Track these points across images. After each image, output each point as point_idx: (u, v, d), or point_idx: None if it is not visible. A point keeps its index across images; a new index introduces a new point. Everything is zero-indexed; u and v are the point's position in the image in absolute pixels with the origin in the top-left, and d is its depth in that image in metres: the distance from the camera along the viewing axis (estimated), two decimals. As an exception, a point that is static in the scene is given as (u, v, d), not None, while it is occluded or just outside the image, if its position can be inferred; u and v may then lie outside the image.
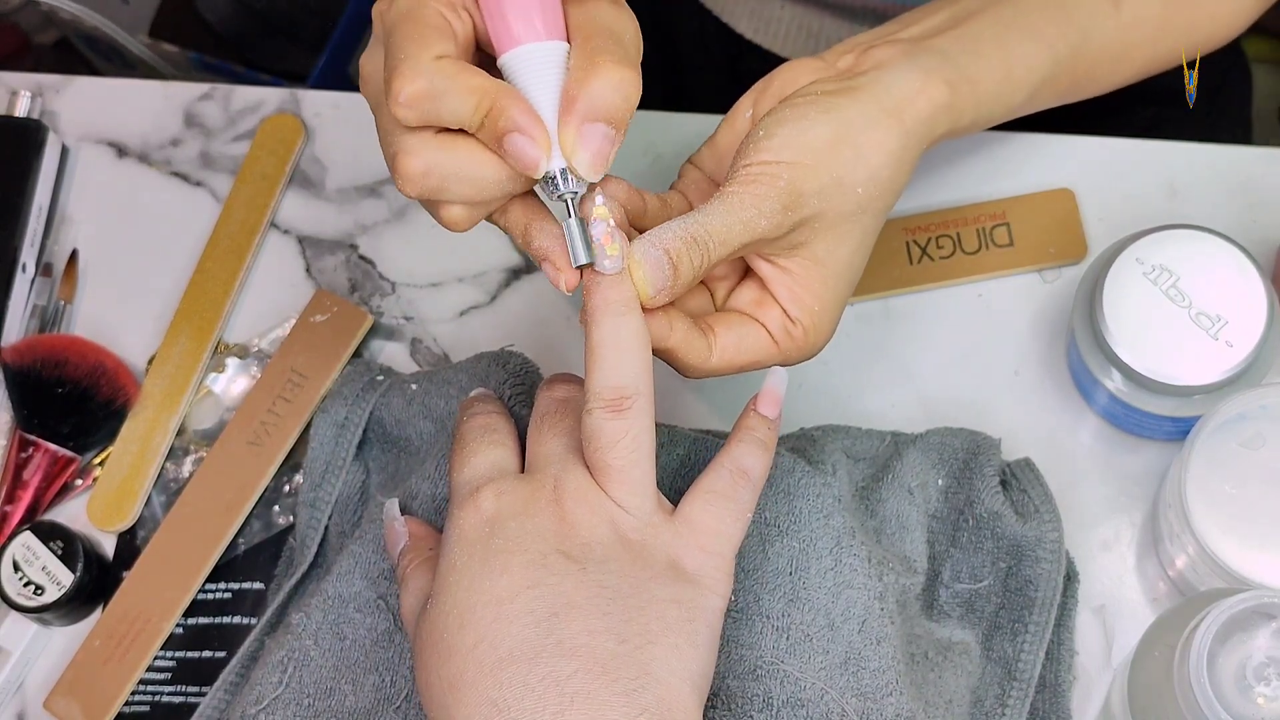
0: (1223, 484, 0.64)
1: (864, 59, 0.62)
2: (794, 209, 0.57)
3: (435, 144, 0.53)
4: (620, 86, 0.52)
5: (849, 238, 0.59)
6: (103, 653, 0.72)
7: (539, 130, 0.52)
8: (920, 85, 0.61)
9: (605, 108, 0.52)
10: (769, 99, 0.63)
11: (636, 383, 0.54)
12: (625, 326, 0.54)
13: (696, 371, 0.59)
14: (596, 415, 0.54)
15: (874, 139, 0.59)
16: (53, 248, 0.83)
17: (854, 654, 0.60)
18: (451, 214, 0.55)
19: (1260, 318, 0.65)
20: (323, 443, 0.72)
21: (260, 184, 0.81)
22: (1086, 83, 0.69)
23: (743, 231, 0.56)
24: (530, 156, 0.52)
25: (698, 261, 0.55)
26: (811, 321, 0.60)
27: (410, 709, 0.61)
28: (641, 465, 0.54)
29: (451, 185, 0.53)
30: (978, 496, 0.66)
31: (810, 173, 0.57)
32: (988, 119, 0.65)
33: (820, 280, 0.59)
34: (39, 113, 0.85)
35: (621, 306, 0.54)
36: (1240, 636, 0.56)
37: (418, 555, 0.59)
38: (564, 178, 0.53)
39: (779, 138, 0.58)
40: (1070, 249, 0.75)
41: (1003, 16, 0.65)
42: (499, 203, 0.56)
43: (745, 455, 0.57)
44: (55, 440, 0.76)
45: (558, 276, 0.55)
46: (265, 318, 0.79)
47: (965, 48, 0.63)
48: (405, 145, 0.53)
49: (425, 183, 0.53)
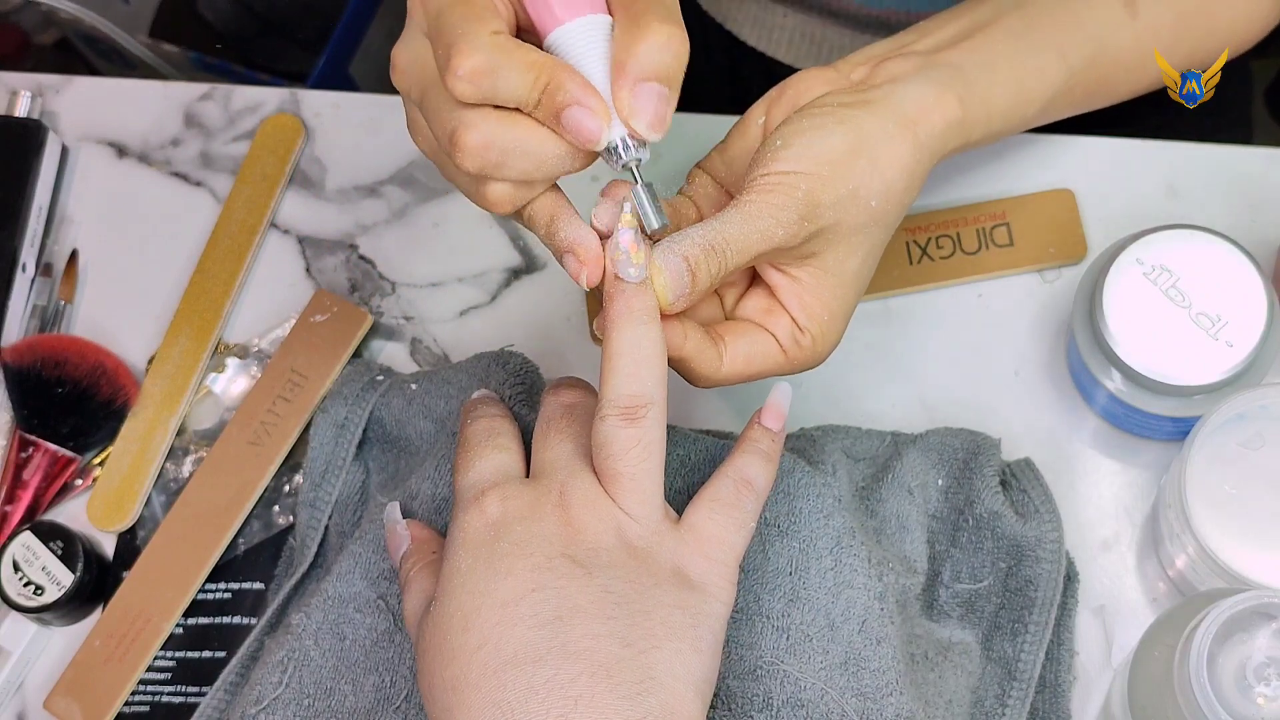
0: (1223, 484, 0.64)
1: (878, 72, 0.63)
2: (811, 219, 0.57)
3: (495, 118, 0.52)
4: (669, 44, 0.52)
5: (859, 249, 0.60)
6: (103, 653, 0.72)
7: (597, 101, 0.52)
8: (934, 100, 0.61)
9: (656, 66, 0.52)
10: (782, 108, 0.63)
11: (652, 392, 0.54)
12: (646, 335, 0.54)
13: (707, 381, 0.59)
14: (610, 422, 0.54)
15: (889, 152, 0.59)
16: (53, 248, 0.83)
17: (854, 654, 0.60)
18: (497, 192, 0.54)
19: (1260, 318, 0.65)
20: (323, 443, 0.72)
21: (260, 184, 0.81)
22: (1102, 92, 0.69)
23: (760, 240, 0.56)
24: (589, 128, 0.52)
25: (715, 269, 0.55)
26: (820, 330, 0.60)
27: (410, 709, 0.61)
28: (652, 474, 0.54)
29: (511, 160, 0.53)
30: (978, 496, 0.66)
31: (827, 184, 0.57)
32: (1000, 133, 0.65)
33: (830, 290, 0.59)
34: (39, 113, 0.85)
35: (644, 315, 0.54)
36: (1240, 636, 0.56)
37: (421, 558, 0.59)
38: (625, 146, 0.53)
39: (796, 148, 0.58)
40: (1070, 249, 0.75)
41: (1015, 28, 0.65)
42: (544, 186, 0.55)
43: (749, 466, 0.57)
44: (55, 440, 0.76)
45: (580, 270, 0.55)
46: (265, 318, 0.79)
47: (978, 61, 0.63)
48: (465, 119, 0.52)
49: (486, 156, 0.53)
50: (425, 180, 0.81)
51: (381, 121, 0.83)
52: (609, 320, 0.54)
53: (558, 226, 0.56)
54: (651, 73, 0.52)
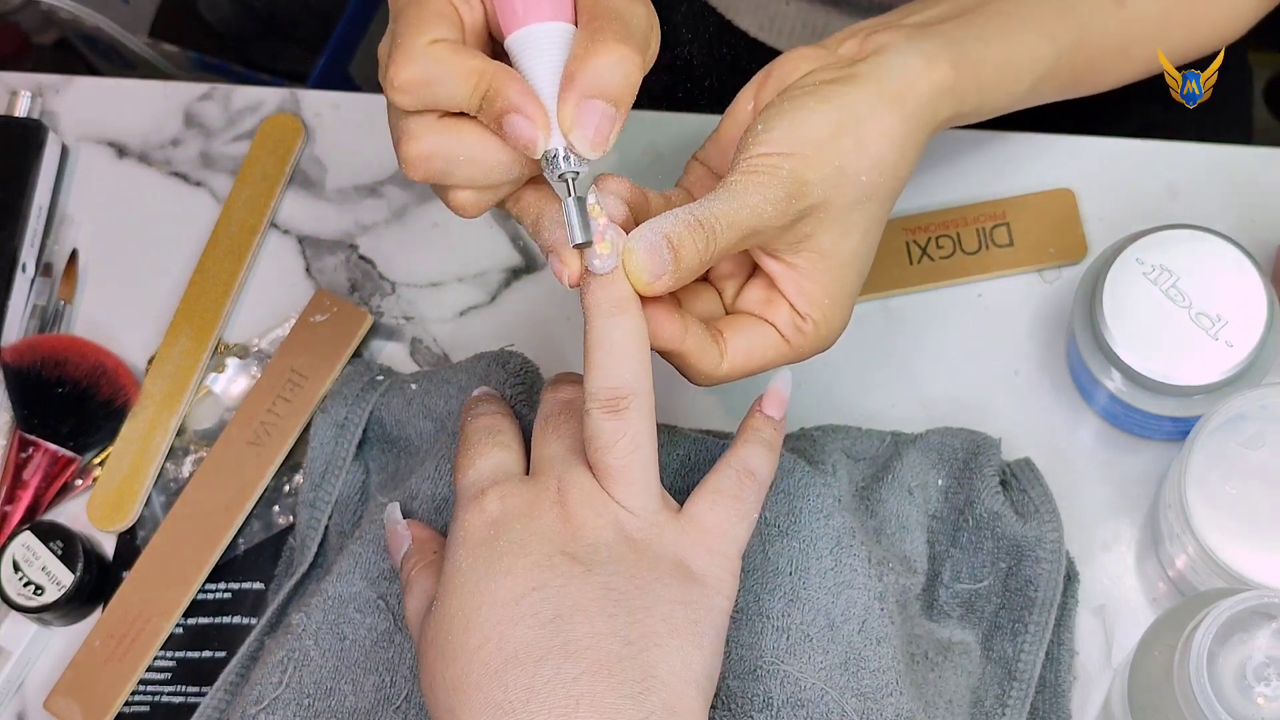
0: (1223, 484, 0.64)
1: (866, 44, 0.62)
2: (798, 197, 0.56)
3: (438, 128, 0.53)
4: (620, 64, 0.52)
5: (855, 228, 0.59)
6: (103, 653, 0.72)
7: (536, 109, 0.52)
8: (923, 68, 0.60)
9: (605, 84, 0.52)
10: (769, 89, 0.62)
11: (633, 383, 0.54)
12: (616, 327, 0.54)
13: (707, 379, 0.58)
14: (594, 415, 0.54)
15: (876, 126, 0.58)
16: (53, 248, 0.83)
17: (854, 654, 0.60)
18: (460, 199, 0.55)
19: (1260, 318, 0.65)
20: (323, 443, 0.72)
21: (260, 184, 0.81)
22: (1088, 76, 0.69)
23: (750, 215, 0.55)
24: (527, 135, 0.52)
25: (702, 244, 0.54)
26: (822, 315, 0.59)
27: (410, 709, 0.61)
28: (642, 465, 0.54)
29: (456, 169, 0.53)
30: (978, 496, 0.66)
31: (811, 163, 0.56)
32: (991, 106, 0.64)
33: (828, 273, 0.59)
34: (39, 113, 0.85)
35: (611, 307, 0.54)
36: (1240, 636, 0.56)
37: (422, 558, 0.59)
38: (565, 156, 0.53)
39: (778, 129, 0.57)
40: (1070, 249, 0.75)
41: (1005, 8, 0.65)
42: (509, 188, 0.56)
43: (751, 456, 0.57)
44: (55, 440, 0.76)
45: (562, 270, 0.55)
46: (265, 318, 0.79)
47: (969, 34, 0.63)
48: (408, 130, 0.53)
49: (429, 166, 0.53)
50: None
51: (382, 121, 0.82)
52: (584, 313, 0.54)
53: (542, 225, 0.56)
54: (599, 90, 0.52)
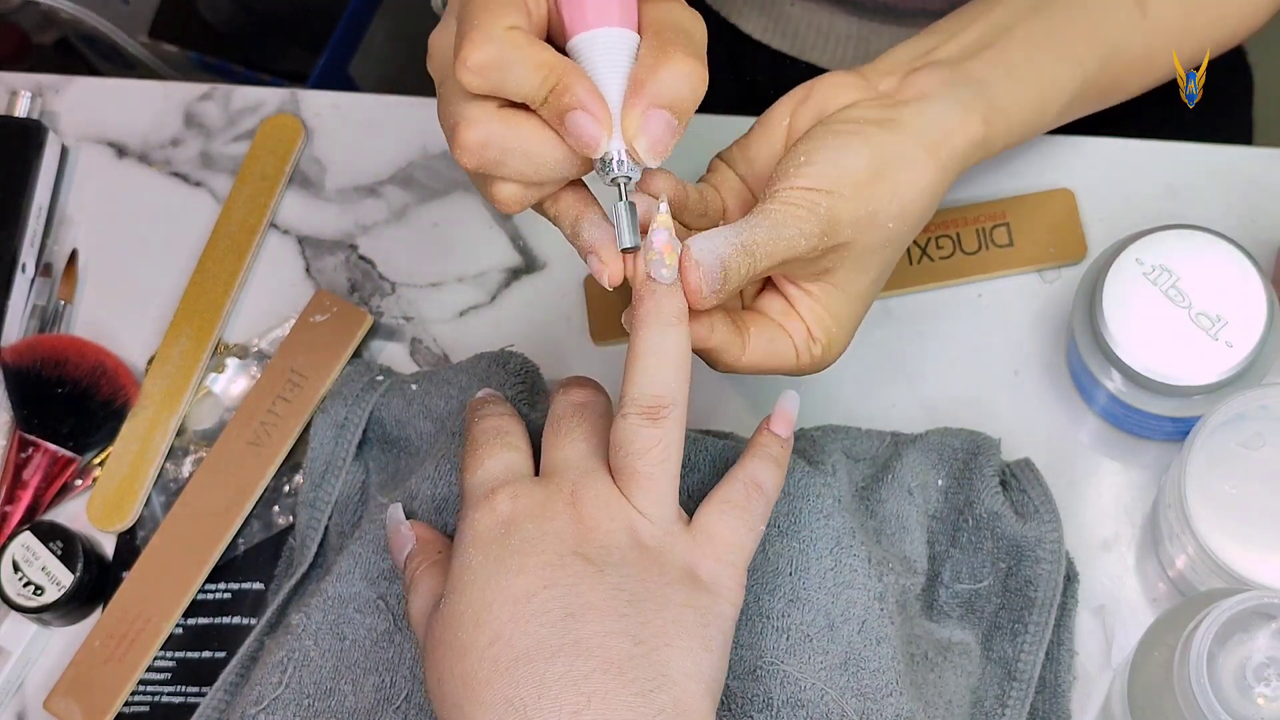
0: (1223, 484, 0.64)
1: (906, 86, 0.63)
2: (830, 235, 0.58)
3: (498, 117, 0.53)
4: (689, 77, 0.53)
5: (873, 268, 0.61)
6: (103, 653, 0.72)
7: (602, 110, 0.53)
8: (959, 122, 0.62)
9: (672, 95, 0.53)
10: (808, 111, 0.63)
11: (675, 393, 0.54)
12: (673, 336, 0.55)
13: (728, 368, 0.60)
14: (631, 421, 0.54)
15: (909, 176, 0.60)
16: (53, 248, 0.83)
17: (854, 654, 0.60)
18: (505, 192, 0.55)
19: (1260, 318, 0.65)
20: (323, 443, 0.72)
21: (260, 184, 0.81)
22: (1113, 92, 0.70)
23: (785, 248, 0.56)
24: (591, 134, 0.52)
25: (745, 271, 0.56)
26: (828, 340, 0.61)
27: (410, 709, 0.61)
28: (669, 475, 0.54)
29: (510, 160, 0.53)
30: (977, 497, 0.66)
31: (847, 203, 0.58)
32: (1017, 142, 0.66)
33: (841, 305, 0.61)
34: (39, 113, 0.85)
35: (673, 317, 0.55)
36: (1240, 636, 0.56)
37: (427, 558, 0.59)
38: (620, 161, 0.54)
39: (820, 164, 0.58)
40: (1070, 249, 0.75)
41: (1036, 34, 0.65)
42: (553, 187, 0.56)
43: (760, 470, 0.57)
44: (55, 440, 0.76)
45: (602, 270, 0.55)
46: (265, 318, 0.79)
47: (1002, 74, 0.64)
48: (468, 115, 0.53)
49: (484, 154, 0.53)
50: (425, 180, 0.81)
51: (381, 122, 0.83)
52: (637, 319, 0.55)
53: (582, 226, 0.56)
54: (666, 100, 0.53)
